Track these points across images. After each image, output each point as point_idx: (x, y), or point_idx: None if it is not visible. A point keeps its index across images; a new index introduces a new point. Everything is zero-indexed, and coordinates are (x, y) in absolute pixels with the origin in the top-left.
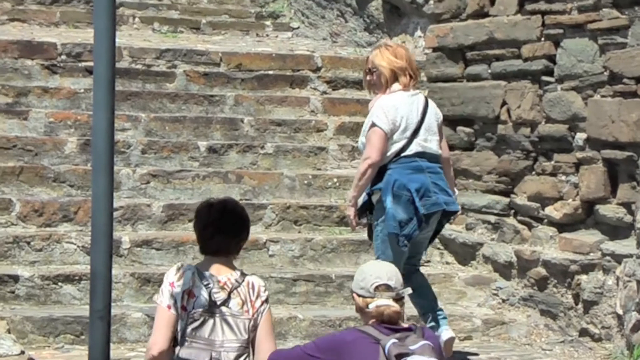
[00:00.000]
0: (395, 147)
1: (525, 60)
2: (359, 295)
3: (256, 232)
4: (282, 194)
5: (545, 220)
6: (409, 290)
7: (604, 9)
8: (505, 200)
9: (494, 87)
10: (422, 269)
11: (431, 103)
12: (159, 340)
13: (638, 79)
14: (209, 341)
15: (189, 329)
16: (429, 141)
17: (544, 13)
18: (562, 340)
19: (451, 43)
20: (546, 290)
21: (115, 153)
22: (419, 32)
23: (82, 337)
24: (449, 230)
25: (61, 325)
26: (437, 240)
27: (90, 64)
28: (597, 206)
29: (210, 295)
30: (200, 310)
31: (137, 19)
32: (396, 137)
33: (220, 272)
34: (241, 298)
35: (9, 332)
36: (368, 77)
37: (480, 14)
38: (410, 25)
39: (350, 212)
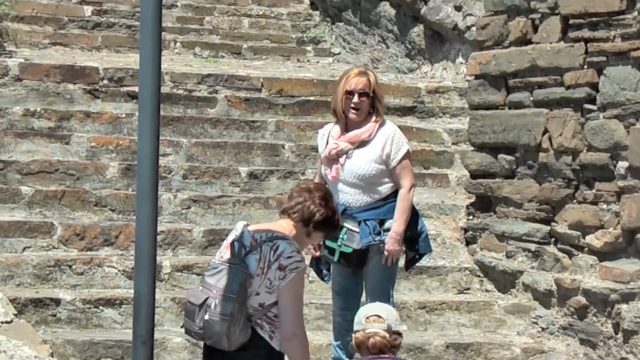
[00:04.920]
0: None
1: (568, 88)
2: (355, 332)
3: None
4: None
5: (586, 249)
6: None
7: None
8: (546, 228)
9: (535, 114)
10: (462, 297)
11: None
12: None
13: None
14: (212, 287)
15: (204, 276)
16: None
17: (587, 40)
18: None
19: (493, 70)
20: (586, 319)
21: None
22: (460, 59)
23: None
24: (488, 257)
25: (102, 349)
26: (476, 267)
27: (132, 89)
28: (638, 235)
29: (233, 247)
30: (221, 261)
31: (178, 44)
32: None
33: (261, 230)
34: (261, 256)
35: (52, 356)
36: (360, 100)
37: (523, 41)
38: (452, 51)
39: (399, 247)
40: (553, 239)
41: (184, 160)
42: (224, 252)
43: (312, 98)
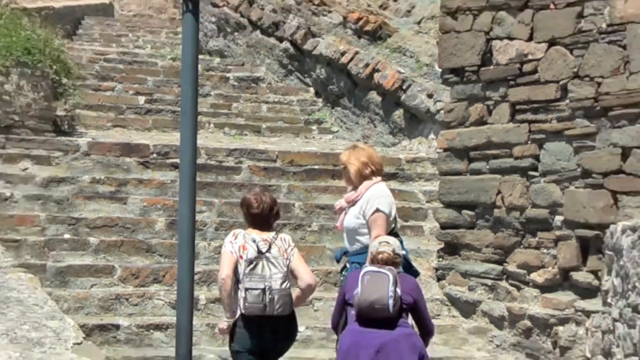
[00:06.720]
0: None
1: (516, 158)
2: (371, 252)
3: None
4: (325, 262)
5: (531, 284)
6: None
7: (577, 119)
8: (500, 267)
9: (491, 179)
10: (435, 321)
11: None
12: (225, 269)
13: (604, 174)
14: (262, 276)
15: (247, 270)
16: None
17: (530, 122)
18: None
19: (458, 145)
20: (531, 338)
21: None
22: (432, 135)
23: None
24: (455, 291)
25: None
26: (445, 298)
27: (176, 160)
28: (572, 273)
29: (257, 247)
30: (252, 257)
31: (211, 125)
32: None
33: (261, 234)
34: (277, 247)
35: None
36: (343, 171)
37: (481, 122)
38: (426, 130)
39: None
40: (505, 276)
41: (216, 216)
42: (242, 252)
43: (316, 167)
